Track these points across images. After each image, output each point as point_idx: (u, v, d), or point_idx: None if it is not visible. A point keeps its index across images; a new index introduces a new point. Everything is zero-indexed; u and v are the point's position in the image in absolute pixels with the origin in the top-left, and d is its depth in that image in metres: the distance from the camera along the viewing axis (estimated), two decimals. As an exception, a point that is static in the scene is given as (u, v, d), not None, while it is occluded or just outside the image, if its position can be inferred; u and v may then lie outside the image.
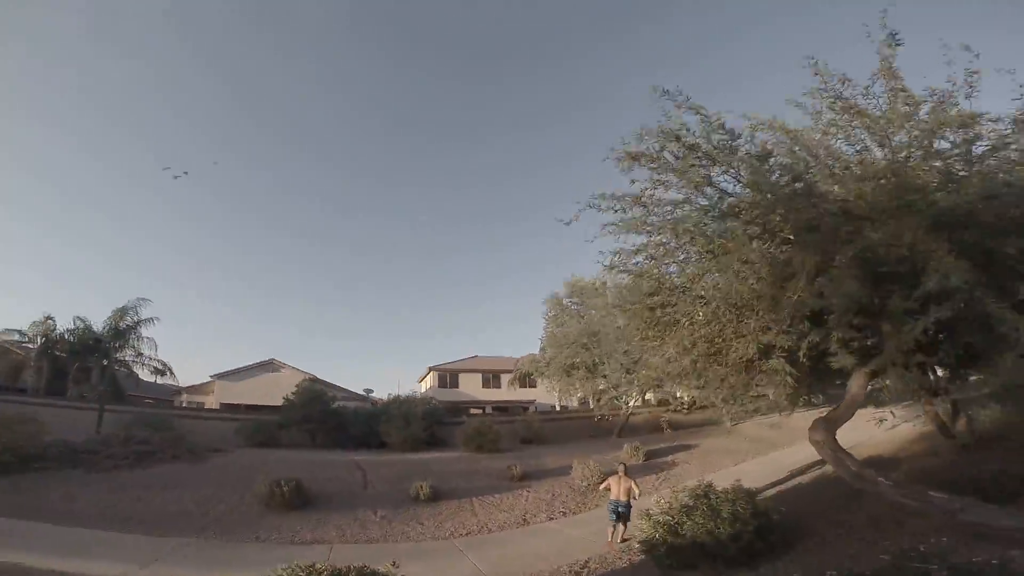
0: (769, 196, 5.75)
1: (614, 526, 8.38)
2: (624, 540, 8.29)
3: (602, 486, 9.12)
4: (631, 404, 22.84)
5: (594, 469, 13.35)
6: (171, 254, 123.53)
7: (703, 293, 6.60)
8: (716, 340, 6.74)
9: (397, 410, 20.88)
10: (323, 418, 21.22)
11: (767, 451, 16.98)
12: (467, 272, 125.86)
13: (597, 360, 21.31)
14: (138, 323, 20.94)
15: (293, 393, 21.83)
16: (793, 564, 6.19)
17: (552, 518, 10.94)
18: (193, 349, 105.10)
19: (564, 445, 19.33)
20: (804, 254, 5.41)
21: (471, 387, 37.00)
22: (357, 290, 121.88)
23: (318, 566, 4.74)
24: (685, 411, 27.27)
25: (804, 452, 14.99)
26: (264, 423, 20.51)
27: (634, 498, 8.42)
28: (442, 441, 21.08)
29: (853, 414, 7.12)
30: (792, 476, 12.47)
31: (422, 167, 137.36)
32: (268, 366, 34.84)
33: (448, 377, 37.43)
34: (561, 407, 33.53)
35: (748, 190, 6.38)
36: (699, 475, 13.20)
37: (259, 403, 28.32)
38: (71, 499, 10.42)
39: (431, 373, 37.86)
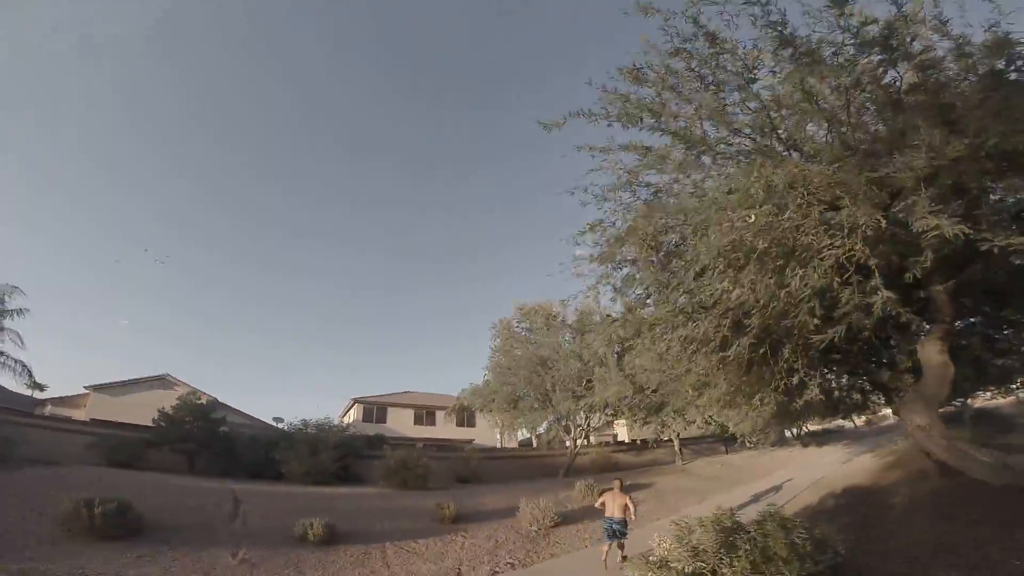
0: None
1: (609, 545, 7.72)
2: (624, 559, 7.39)
3: (597, 503, 8.33)
4: (579, 441, 20.24)
5: (546, 510, 10.60)
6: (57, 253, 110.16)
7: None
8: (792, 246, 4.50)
9: (303, 436, 17.06)
10: (207, 439, 16.97)
11: (728, 488, 15.35)
12: (404, 311, 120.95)
13: (549, 387, 18.80)
14: (1, 313, 15.60)
15: (172, 407, 17.50)
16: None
17: (497, 571, 7.96)
18: (76, 363, 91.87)
19: (506, 485, 16.26)
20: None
21: (401, 423, 32.83)
22: (281, 321, 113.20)
23: None
24: (635, 451, 25.27)
25: (770, 485, 14.30)
26: (128, 439, 15.99)
27: (631, 517, 7.89)
28: (359, 476, 17.38)
29: (948, 389, 5.14)
30: (779, 505, 10.35)
31: (365, 194, 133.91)
32: (159, 382, 29.15)
33: (375, 411, 33.11)
34: (502, 447, 30.20)
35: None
36: (662, 515, 11.55)
37: (143, 423, 22.93)
38: None
39: (355, 406, 33.35)
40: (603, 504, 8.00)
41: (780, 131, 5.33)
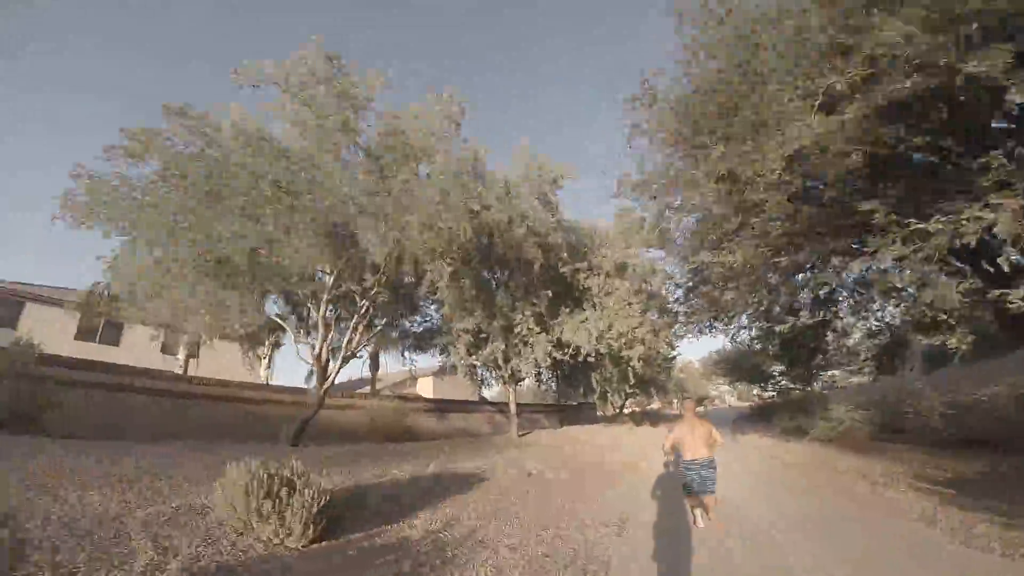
0: None
1: (694, 505, 4.82)
2: (708, 516, 4.73)
3: (667, 445, 5.03)
4: (337, 365, 10.50)
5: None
6: None
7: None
8: None
9: None
10: None
11: (623, 474, 8.97)
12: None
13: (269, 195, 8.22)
14: None
15: None
16: None
17: None
18: None
19: (114, 455, 5.74)
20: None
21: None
22: None
23: None
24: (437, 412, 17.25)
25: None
26: None
27: (716, 445, 4.93)
28: None
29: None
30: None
31: None
32: None
33: None
34: (185, 374, 16.14)
35: None
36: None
37: None
38: None
39: None
40: (675, 443, 4.91)
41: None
